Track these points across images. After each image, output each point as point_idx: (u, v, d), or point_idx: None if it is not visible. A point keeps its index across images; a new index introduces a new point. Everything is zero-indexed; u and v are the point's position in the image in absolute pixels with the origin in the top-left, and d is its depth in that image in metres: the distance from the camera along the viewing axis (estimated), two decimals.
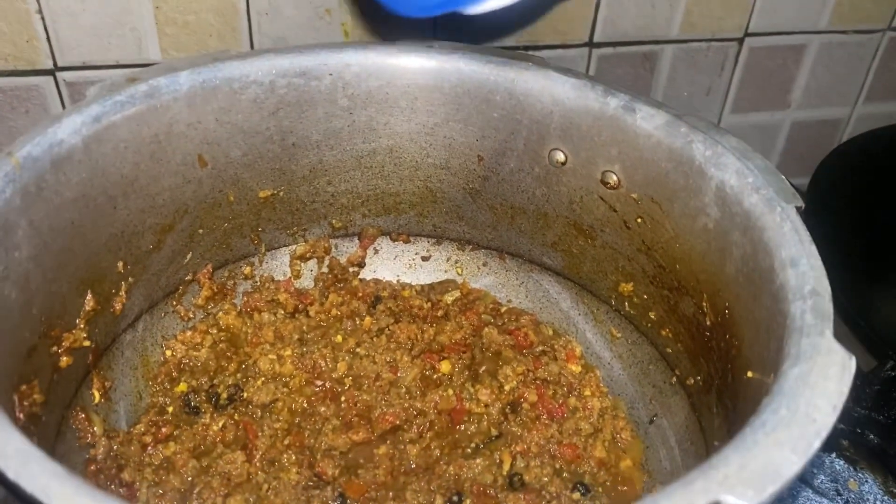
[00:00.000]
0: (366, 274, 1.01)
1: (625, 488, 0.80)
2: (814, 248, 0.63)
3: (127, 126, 0.76)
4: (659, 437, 0.84)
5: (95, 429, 0.78)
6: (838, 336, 0.56)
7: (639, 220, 0.83)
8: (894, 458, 0.94)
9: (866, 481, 0.93)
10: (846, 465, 0.94)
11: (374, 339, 0.91)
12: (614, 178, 0.83)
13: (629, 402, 0.89)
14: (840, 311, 0.57)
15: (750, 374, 0.66)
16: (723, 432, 0.73)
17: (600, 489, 0.79)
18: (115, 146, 0.75)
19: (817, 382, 0.51)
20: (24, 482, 0.41)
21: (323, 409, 0.83)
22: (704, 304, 0.77)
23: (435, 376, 0.88)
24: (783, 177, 0.71)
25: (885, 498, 0.92)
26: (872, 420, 0.96)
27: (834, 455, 0.95)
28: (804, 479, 0.92)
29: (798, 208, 0.68)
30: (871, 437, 0.95)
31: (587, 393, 0.87)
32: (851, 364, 0.53)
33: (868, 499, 0.92)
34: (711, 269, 0.75)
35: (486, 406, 0.84)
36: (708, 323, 0.77)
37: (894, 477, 0.93)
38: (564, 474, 0.79)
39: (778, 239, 0.65)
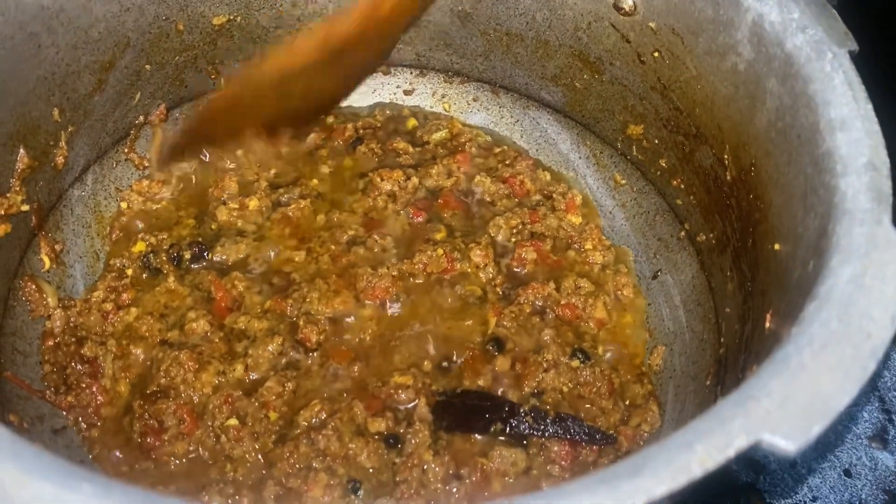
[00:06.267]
0: (340, 110, 0.89)
1: (625, 350, 0.75)
2: (870, 109, 0.54)
3: None
4: (662, 294, 0.78)
5: (49, 300, 0.71)
6: None
7: (655, 53, 0.72)
8: None
9: None
10: None
11: (355, 186, 0.83)
12: (630, 2, 0.72)
13: (631, 255, 0.82)
14: None
15: (777, 246, 0.59)
16: (737, 300, 0.67)
17: (600, 350, 0.74)
18: None
19: (873, 286, 0.44)
20: None
21: (302, 269, 0.76)
22: (726, 156, 0.68)
23: (421, 227, 0.80)
24: (835, 12, 0.60)
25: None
26: None
27: None
28: None
29: (851, 52, 0.58)
30: None
31: (588, 246, 0.80)
32: None
33: None
34: (738, 117, 0.66)
35: (479, 267, 0.77)
36: (728, 178, 0.68)
37: None
38: (562, 338, 0.74)
39: (826, 93, 0.56)
